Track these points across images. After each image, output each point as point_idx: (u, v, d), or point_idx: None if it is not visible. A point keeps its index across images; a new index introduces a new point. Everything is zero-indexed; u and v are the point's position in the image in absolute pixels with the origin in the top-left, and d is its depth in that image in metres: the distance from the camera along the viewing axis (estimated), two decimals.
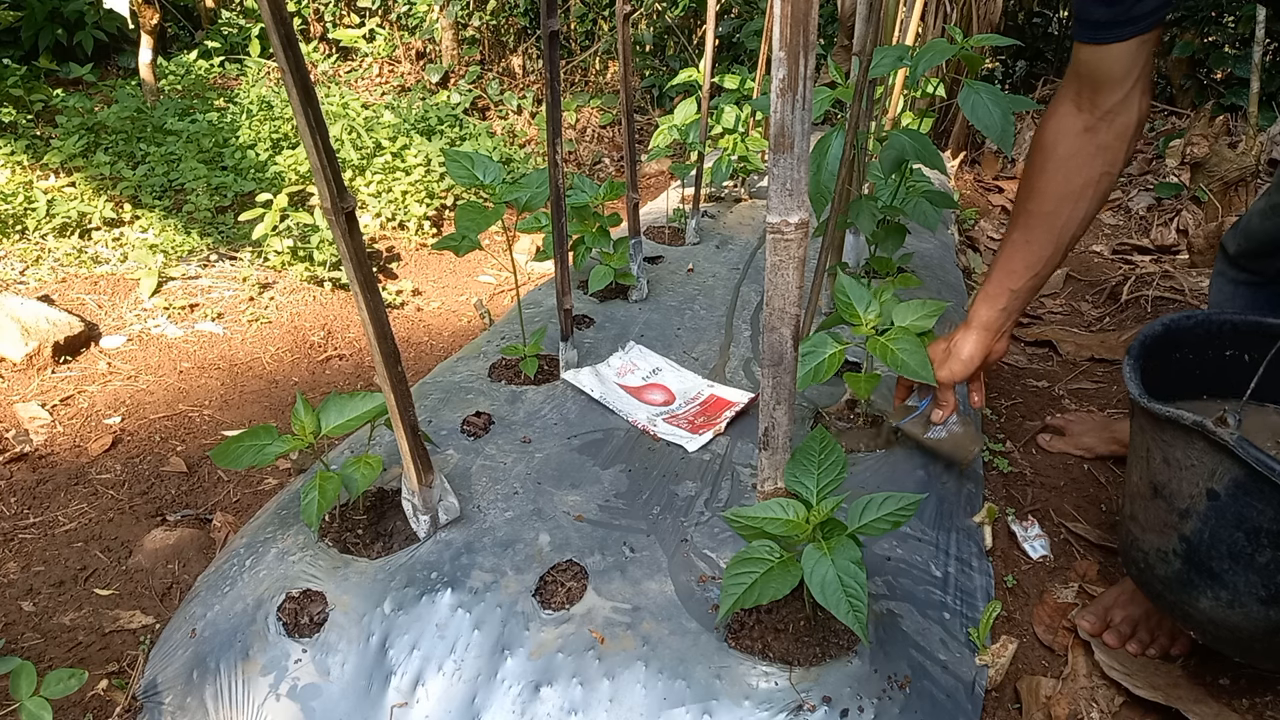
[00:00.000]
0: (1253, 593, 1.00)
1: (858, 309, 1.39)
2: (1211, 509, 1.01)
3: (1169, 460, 1.05)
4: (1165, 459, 1.06)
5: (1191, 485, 1.02)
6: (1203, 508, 1.02)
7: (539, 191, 1.56)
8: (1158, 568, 1.11)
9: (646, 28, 4.81)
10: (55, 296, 2.33)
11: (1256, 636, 1.04)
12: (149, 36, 3.42)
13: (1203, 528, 1.02)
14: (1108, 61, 1.14)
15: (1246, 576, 1.00)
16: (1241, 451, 0.94)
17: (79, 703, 1.20)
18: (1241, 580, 1.00)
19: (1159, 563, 1.11)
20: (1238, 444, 0.94)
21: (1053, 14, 4.69)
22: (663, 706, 1.02)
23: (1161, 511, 1.08)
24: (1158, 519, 1.09)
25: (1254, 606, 1.00)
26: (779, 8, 0.80)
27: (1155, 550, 1.11)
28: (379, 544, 1.25)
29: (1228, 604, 1.03)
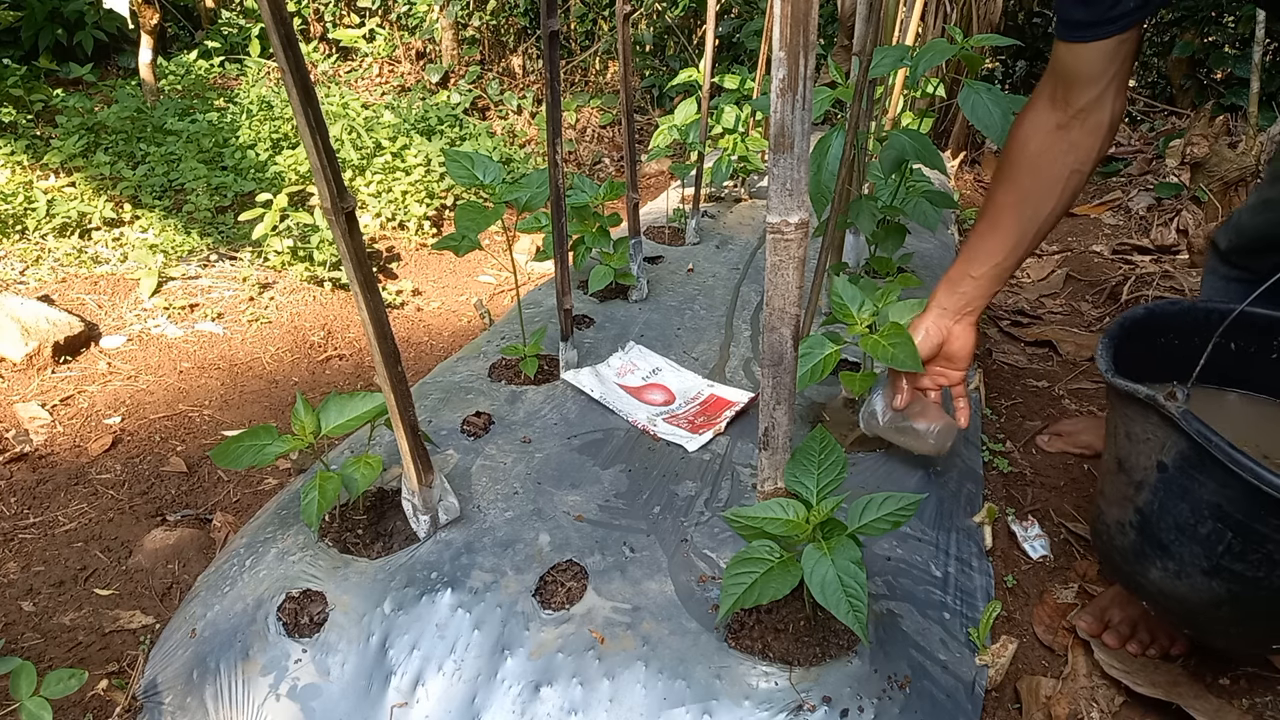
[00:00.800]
0: (1196, 564, 1.02)
1: (851, 309, 1.40)
2: (1161, 481, 1.04)
3: (1130, 434, 1.09)
4: (1127, 433, 1.10)
5: (1146, 458, 1.06)
6: (1154, 480, 1.05)
7: (539, 191, 1.56)
8: (1117, 539, 1.15)
9: (646, 28, 4.81)
10: (55, 296, 2.33)
11: (1201, 607, 1.06)
12: (149, 36, 3.42)
13: (1153, 499, 1.06)
14: (1084, 60, 1.15)
15: (1191, 548, 1.02)
16: (1185, 425, 0.96)
17: (79, 703, 1.20)
18: (1187, 551, 1.03)
19: (1118, 534, 1.14)
20: (1183, 417, 0.97)
21: (1052, 14, 4.69)
22: (663, 706, 1.02)
23: (1122, 485, 1.12)
24: (1119, 492, 1.13)
25: (1198, 578, 1.03)
26: (779, 8, 0.80)
27: (1115, 522, 1.14)
28: (379, 544, 1.25)
29: (1175, 575, 1.06)
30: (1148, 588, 1.12)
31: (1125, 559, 1.14)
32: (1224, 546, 0.99)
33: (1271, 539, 0.94)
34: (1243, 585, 1.00)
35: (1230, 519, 0.97)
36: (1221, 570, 1.00)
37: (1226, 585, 1.01)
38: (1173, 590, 1.07)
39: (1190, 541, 1.02)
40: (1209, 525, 0.99)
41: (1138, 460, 1.08)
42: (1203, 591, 1.04)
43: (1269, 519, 0.94)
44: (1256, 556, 0.97)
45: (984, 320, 2.47)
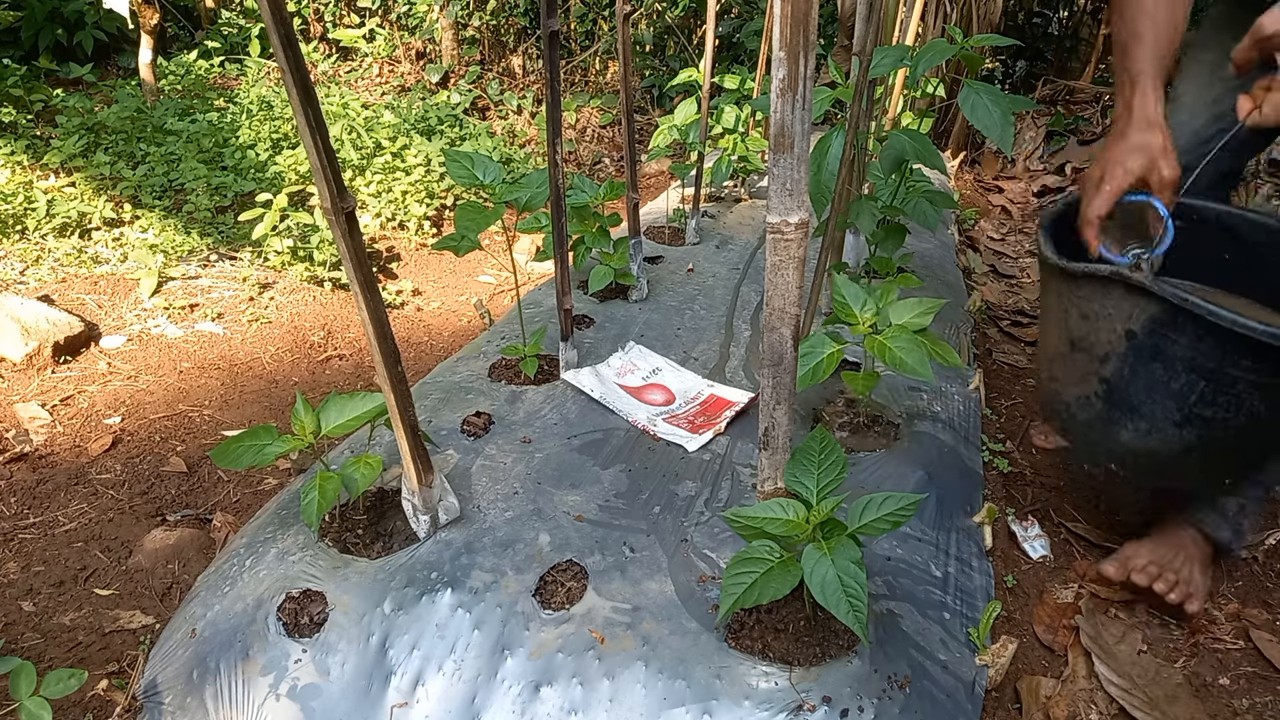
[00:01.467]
0: (1168, 418, 1.14)
1: (854, 308, 1.40)
2: (1130, 348, 1.13)
3: (1086, 314, 1.17)
4: (1082, 314, 1.18)
5: (1110, 331, 1.15)
6: (1121, 349, 1.14)
7: (539, 191, 1.56)
8: (1080, 414, 1.24)
9: (646, 28, 4.81)
10: (55, 296, 2.33)
11: (1171, 458, 1.17)
12: (149, 36, 3.42)
13: (1121, 367, 1.15)
14: None
15: (1163, 404, 1.13)
16: (1159, 290, 1.06)
17: (79, 703, 1.20)
18: (1159, 408, 1.14)
19: (1081, 409, 1.23)
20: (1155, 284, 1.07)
21: (1053, 14, 4.69)
22: (663, 706, 1.02)
23: (1081, 362, 1.20)
24: (1077, 370, 1.21)
25: (1169, 430, 1.14)
26: (779, 8, 0.80)
27: (1076, 399, 1.23)
28: (379, 544, 1.25)
29: (1145, 433, 1.16)
30: (1118, 450, 1.21)
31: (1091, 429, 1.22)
32: (1196, 396, 1.10)
33: (1242, 379, 1.07)
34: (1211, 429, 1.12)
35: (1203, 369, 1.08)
36: (1192, 419, 1.12)
37: (1196, 432, 1.13)
38: (1143, 447, 1.17)
39: (1163, 398, 1.12)
40: (1182, 379, 1.10)
41: (1098, 336, 1.16)
42: (1173, 442, 1.15)
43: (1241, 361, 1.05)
44: (1226, 399, 1.09)
45: (983, 320, 2.48)
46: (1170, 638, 1.35)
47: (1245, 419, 1.10)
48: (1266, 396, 1.08)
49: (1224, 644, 1.33)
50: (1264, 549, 1.53)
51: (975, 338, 2.20)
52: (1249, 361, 1.05)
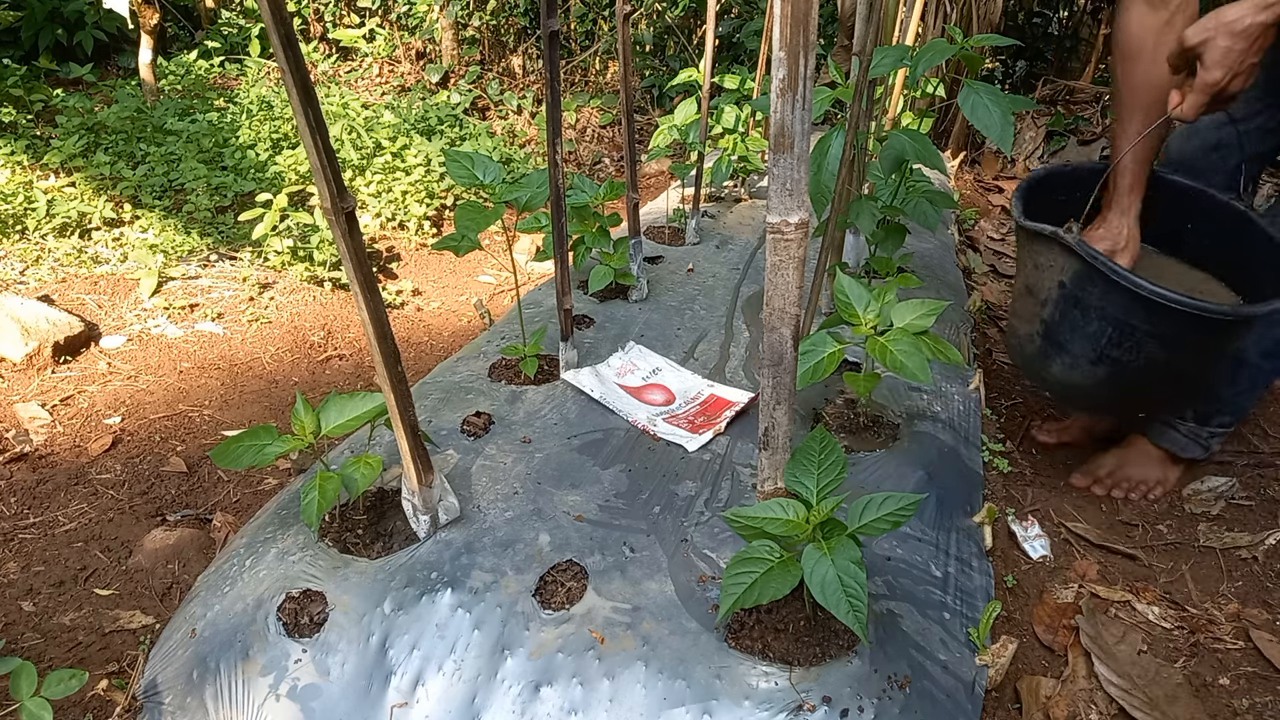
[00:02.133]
0: (1085, 355, 1.41)
1: (857, 309, 1.40)
2: (1060, 295, 1.40)
3: (1037, 265, 1.45)
4: (1035, 264, 1.45)
5: (1050, 280, 1.41)
6: (1055, 296, 1.41)
7: (539, 191, 1.56)
8: (1026, 348, 1.52)
9: (646, 28, 4.81)
10: (55, 296, 2.33)
11: (1089, 389, 1.46)
12: (149, 36, 3.42)
13: (1054, 311, 1.42)
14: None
15: (1081, 344, 1.40)
16: (1079, 249, 1.33)
17: (79, 703, 1.20)
18: (1078, 347, 1.41)
19: (1028, 343, 1.51)
20: (1077, 244, 1.33)
21: (1053, 14, 4.69)
22: (663, 706, 1.02)
23: (1031, 305, 1.48)
24: (1028, 311, 1.50)
25: (1086, 366, 1.42)
26: (779, 8, 0.80)
27: (1025, 335, 1.52)
28: (379, 544, 1.25)
29: (1069, 367, 1.44)
30: (1050, 380, 1.51)
31: (1033, 361, 1.51)
32: (1105, 340, 1.37)
33: (1139, 329, 1.33)
34: (1117, 368, 1.39)
35: (1111, 318, 1.35)
36: (1104, 358, 1.39)
37: (1107, 369, 1.40)
38: (1068, 379, 1.46)
39: (1081, 339, 1.40)
40: (1095, 325, 1.37)
41: (1042, 283, 1.43)
42: (1090, 376, 1.43)
43: (1138, 313, 1.31)
44: (1128, 344, 1.36)
45: (983, 320, 2.48)
46: (1170, 638, 1.35)
47: (1144, 361, 1.36)
48: (1160, 344, 1.34)
49: (1224, 644, 1.33)
50: (1264, 549, 1.53)
51: (975, 338, 2.20)
52: (1143, 313, 1.31)
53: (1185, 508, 1.66)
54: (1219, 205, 1.54)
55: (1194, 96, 1.27)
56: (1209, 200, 1.55)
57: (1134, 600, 1.41)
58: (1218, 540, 1.56)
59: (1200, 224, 1.56)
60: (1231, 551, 1.54)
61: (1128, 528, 1.62)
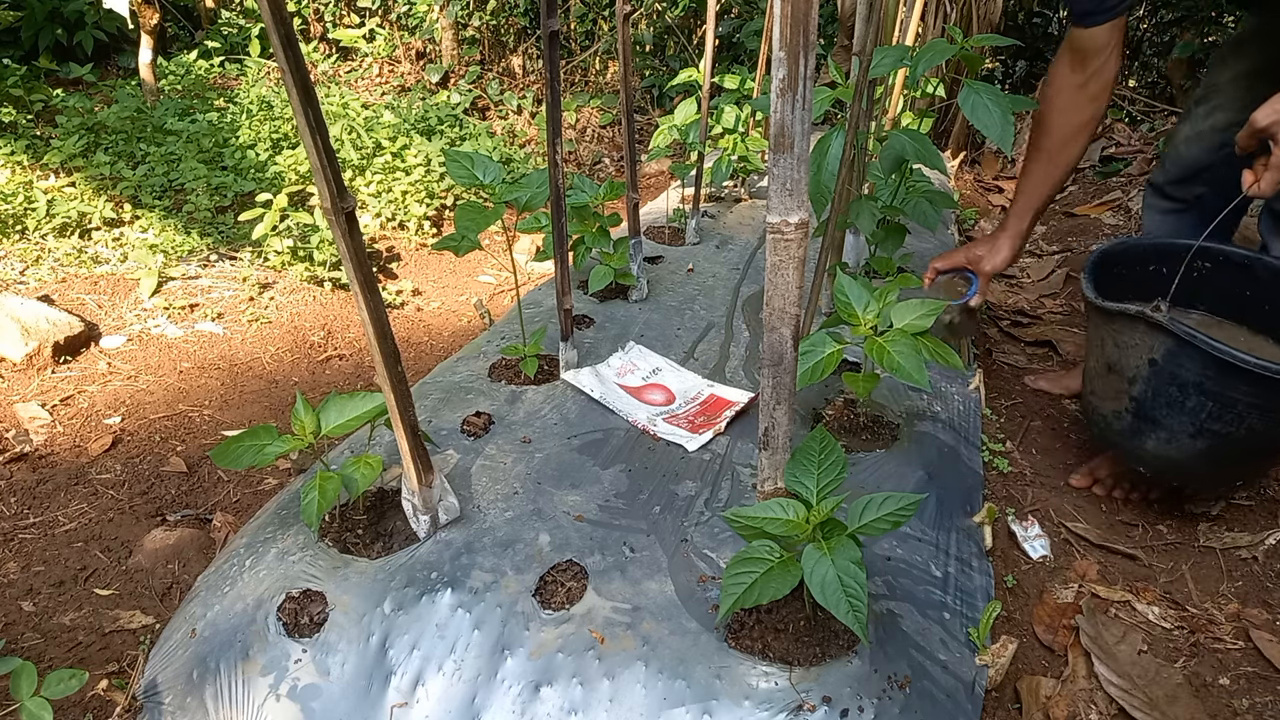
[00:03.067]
0: (1184, 430, 1.40)
1: (856, 309, 1.40)
2: (1152, 373, 1.40)
3: (1118, 344, 1.45)
4: (1115, 343, 1.45)
5: (1137, 358, 1.41)
6: (1146, 373, 1.41)
7: (539, 191, 1.56)
8: (1114, 425, 1.51)
9: (646, 28, 4.81)
10: (55, 296, 2.33)
11: (1187, 463, 1.44)
12: (149, 36, 3.42)
13: (1146, 388, 1.41)
14: (1094, 37, 1.59)
15: (1179, 419, 1.39)
16: (1173, 327, 1.32)
17: (79, 703, 1.20)
18: (1176, 422, 1.40)
19: (1115, 421, 1.51)
20: (1169, 322, 1.33)
21: (1052, 14, 4.69)
22: (663, 706, 1.02)
23: (1115, 383, 1.48)
24: (1112, 389, 1.49)
25: (1185, 440, 1.41)
26: (779, 8, 0.80)
27: (1111, 412, 1.51)
28: (379, 544, 1.25)
29: (1166, 442, 1.43)
30: (1144, 457, 1.49)
31: (1123, 438, 1.51)
32: (1205, 414, 1.36)
33: (1241, 402, 1.32)
34: (1218, 440, 1.37)
35: (1210, 392, 1.34)
36: (1204, 432, 1.37)
37: (1207, 442, 1.38)
38: (1165, 454, 1.44)
39: (1179, 414, 1.38)
40: (1194, 400, 1.36)
41: (1128, 362, 1.43)
42: (1188, 450, 1.41)
43: (1240, 387, 1.31)
44: (1229, 416, 1.34)
45: (984, 320, 2.48)
46: (1170, 638, 1.35)
47: (1245, 432, 1.35)
48: (1261, 415, 1.33)
49: (1224, 644, 1.33)
50: (1264, 549, 1.53)
51: (975, 338, 2.20)
52: (1245, 386, 1.30)
53: (1185, 508, 1.66)
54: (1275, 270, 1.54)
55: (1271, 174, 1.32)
56: (1264, 266, 1.56)
57: (1134, 600, 1.41)
58: (1218, 540, 1.56)
59: (1259, 289, 1.57)
60: (1231, 551, 1.54)
61: (1128, 528, 1.62)
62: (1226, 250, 1.59)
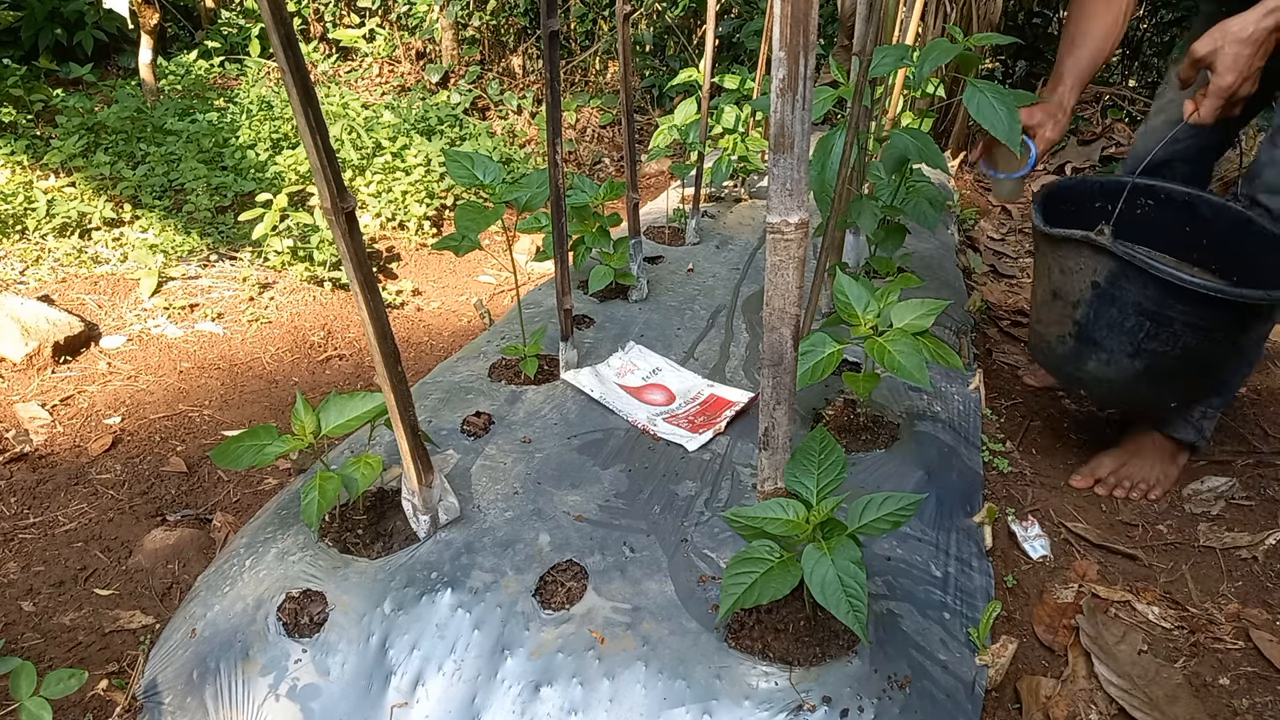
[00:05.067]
0: (1123, 350, 1.48)
1: (856, 309, 1.40)
2: (1095, 296, 1.47)
3: (1064, 270, 1.52)
4: (1061, 269, 1.53)
5: (1081, 282, 1.48)
6: (1088, 296, 1.48)
7: (539, 191, 1.56)
8: (1058, 349, 1.59)
9: (646, 28, 4.81)
10: (55, 296, 2.33)
11: (1126, 384, 1.53)
12: (149, 36, 3.42)
13: (1088, 311, 1.49)
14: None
15: (1119, 339, 1.47)
16: (1116, 249, 1.40)
17: (79, 703, 1.20)
18: (1115, 343, 1.48)
19: (1058, 345, 1.59)
20: (1112, 245, 1.40)
21: (1053, 14, 4.69)
22: (663, 706, 1.02)
23: (1059, 308, 1.55)
24: (1056, 315, 1.57)
25: (1123, 360, 1.49)
26: (779, 8, 0.80)
27: (1055, 338, 1.59)
28: (379, 544, 1.25)
29: (1106, 363, 1.51)
30: (1085, 379, 1.58)
31: (1066, 361, 1.59)
32: (1143, 333, 1.44)
33: (1177, 320, 1.40)
34: (1155, 359, 1.46)
35: (1148, 312, 1.41)
36: (1141, 351, 1.46)
37: (1144, 362, 1.47)
38: (1104, 375, 1.53)
39: (1119, 335, 1.47)
40: (1133, 320, 1.44)
41: (1073, 287, 1.50)
42: (1126, 370, 1.50)
43: (1176, 306, 1.39)
44: (1165, 335, 1.43)
45: (984, 320, 2.48)
46: (1170, 638, 1.35)
47: (1180, 351, 1.44)
48: (1195, 333, 1.42)
49: (1224, 644, 1.33)
50: (1264, 549, 1.53)
51: (975, 338, 2.20)
52: (1181, 305, 1.39)
53: (1185, 508, 1.66)
54: (1215, 206, 1.63)
55: (1209, 101, 1.37)
56: (1205, 203, 1.64)
57: (1134, 600, 1.41)
58: (1218, 540, 1.56)
59: (1199, 225, 1.66)
60: (1231, 551, 1.54)
61: (1128, 528, 1.62)
62: (1169, 189, 1.67)
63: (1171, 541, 1.58)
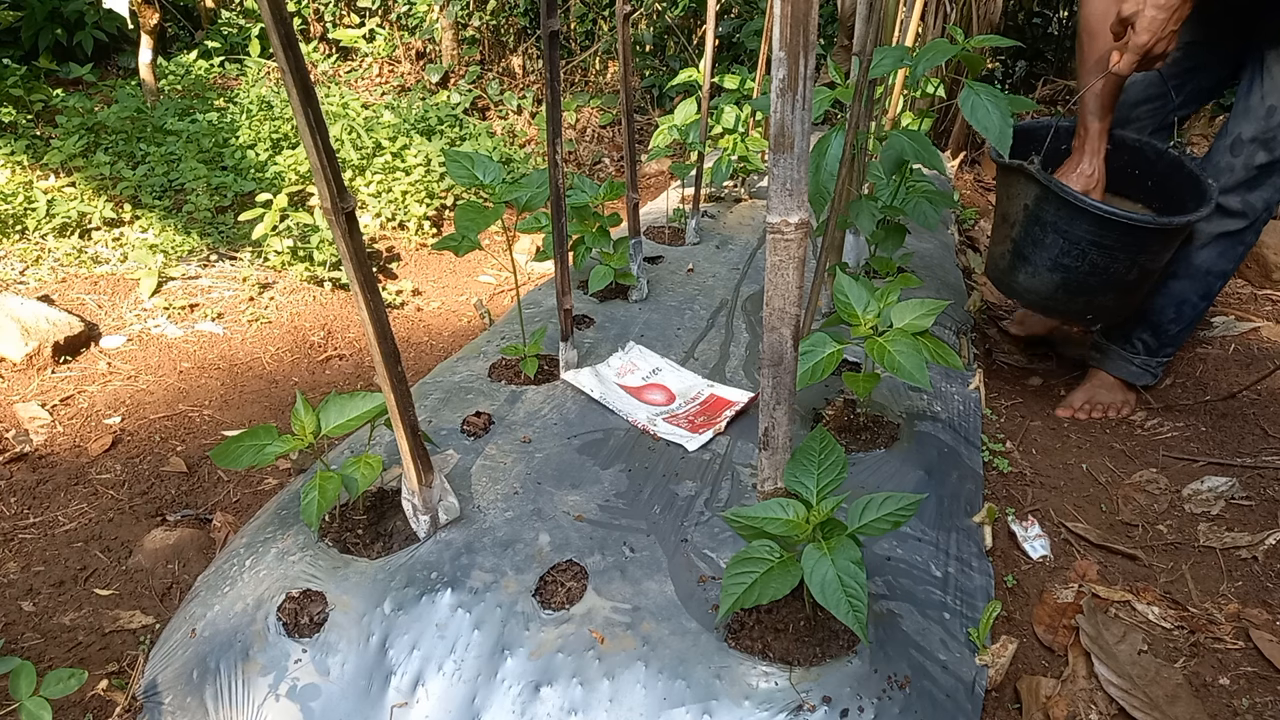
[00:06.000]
0: (1044, 264, 1.74)
1: (856, 309, 1.40)
2: (1025, 217, 1.73)
3: (1009, 195, 1.78)
4: (1007, 194, 1.79)
5: (1018, 205, 1.74)
6: (1021, 217, 1.74)
7: (539, 191, 1.56)
8: (1000, 263, 1.86)
9: (646, 28, 4.81)
10: (55, 296, 2.33)
11: (1048, 294, 1.79)
12: (149, 36, 3.42)
13: (1021, 230, 1.74)
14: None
15: (1041, 255, 1.73)
16: (1039, 175, 1.65)
17: (79, 703, 1.20)
18: (1038, 258, 1.74)
19: (1000, 260, 1.85)
20: (1038, 172, 1.65)
21: (1053, 14, 4.69)
22: (663, 706, 1.02)
23: (1003, 229, 1.82)
24: (1001, 235, 1.84)
25: (1044, 273, 1.75)
26: (779, 8, 0.80)
27: (1000, 253, 1.85)
28: (379, 544, 1.25)
29: (1031, 275, 1.78)
30: (1017, 288, 1.84)
31: (1005, 274, 1.84)
32: (1058, 250, 1.70)
33: (1084, 239, 1.66)
34: (1069, 273, 1.72)
35: (1062, 231, 1.67)
36: (1058, 266, 1.72)
37: (1061, 275, 1.73)
38: (1030, 285, 1.79)
39: (1041, 250, 1.72)
40: (1050, 237, 1.69)
41: (1012, 209, 1.76)
42: (1047, 282, 1.76)
43: (1083, 225, 1.64)
44: (1075, 252, 1.68)
45: (983, 320, 2.47)
46: (1170, 638, 1.35)
47: (1089, 266, 1.69)
48: (1099, 251, 1.66)
49: (1224, 644, 1.33)
50: (1264, 549, 1.53)
51: (975, 338, 2.20)
52: (1086, 225, 1.64)
53: (1185, 508, 1.66)
54: (1158, 152, 1.88)
55: (1128, 56, 1.58)
56: (1151, 148, 1.88)
57: (1134, 600, 1.41)
58: (1218, 540, 1.56)
59: (1143, 168, 1.89)
60: (1231, 551, 1.54)
61: (1128, 528, 1.62)
62: (1123, 135, 1.88)
63: (1171, 541, 1.58)
